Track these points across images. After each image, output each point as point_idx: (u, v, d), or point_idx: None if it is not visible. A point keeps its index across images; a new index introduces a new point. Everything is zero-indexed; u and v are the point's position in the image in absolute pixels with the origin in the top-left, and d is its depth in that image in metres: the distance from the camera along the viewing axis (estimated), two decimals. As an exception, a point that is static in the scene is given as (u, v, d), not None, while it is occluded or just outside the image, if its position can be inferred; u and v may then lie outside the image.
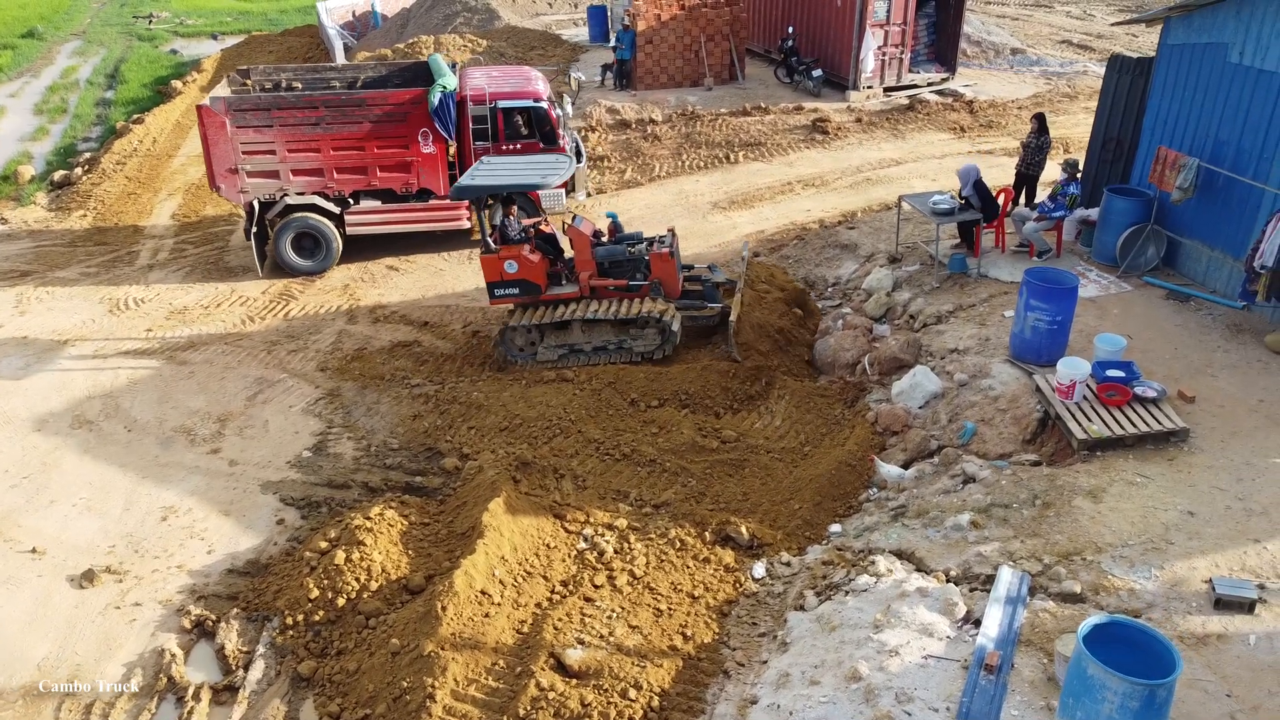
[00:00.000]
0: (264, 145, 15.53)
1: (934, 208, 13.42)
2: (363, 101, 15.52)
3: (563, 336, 13.13)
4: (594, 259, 13.17)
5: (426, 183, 16.07)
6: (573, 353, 13.15)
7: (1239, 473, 8.93)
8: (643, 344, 12.99)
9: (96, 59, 34.29)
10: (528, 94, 15.88)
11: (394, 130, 15.61)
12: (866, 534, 9.10)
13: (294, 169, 15.72)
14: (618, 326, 13.04)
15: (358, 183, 15.97)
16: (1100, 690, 5.71)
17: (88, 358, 13.74)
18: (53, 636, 8.94)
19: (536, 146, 15.95)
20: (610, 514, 9.79)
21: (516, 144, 15.95)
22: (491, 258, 12.96)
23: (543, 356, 13.13)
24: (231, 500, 10.79)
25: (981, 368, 11.17)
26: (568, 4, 34.00)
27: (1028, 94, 23.45)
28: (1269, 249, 10.63)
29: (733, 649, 8.02)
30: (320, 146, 15.61)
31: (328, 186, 15.88)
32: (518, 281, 13.05)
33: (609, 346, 13.09)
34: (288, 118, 15.43)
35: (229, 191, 15.91)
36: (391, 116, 15.52)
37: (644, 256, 13.29)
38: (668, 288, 13.23)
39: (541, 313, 13.00)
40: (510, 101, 15.84)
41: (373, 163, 15.84)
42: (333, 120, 15.46)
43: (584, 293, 13.21)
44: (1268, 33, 11.17)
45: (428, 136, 15.65)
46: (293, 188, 15.79)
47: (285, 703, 8.18)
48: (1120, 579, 7.73)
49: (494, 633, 8.12)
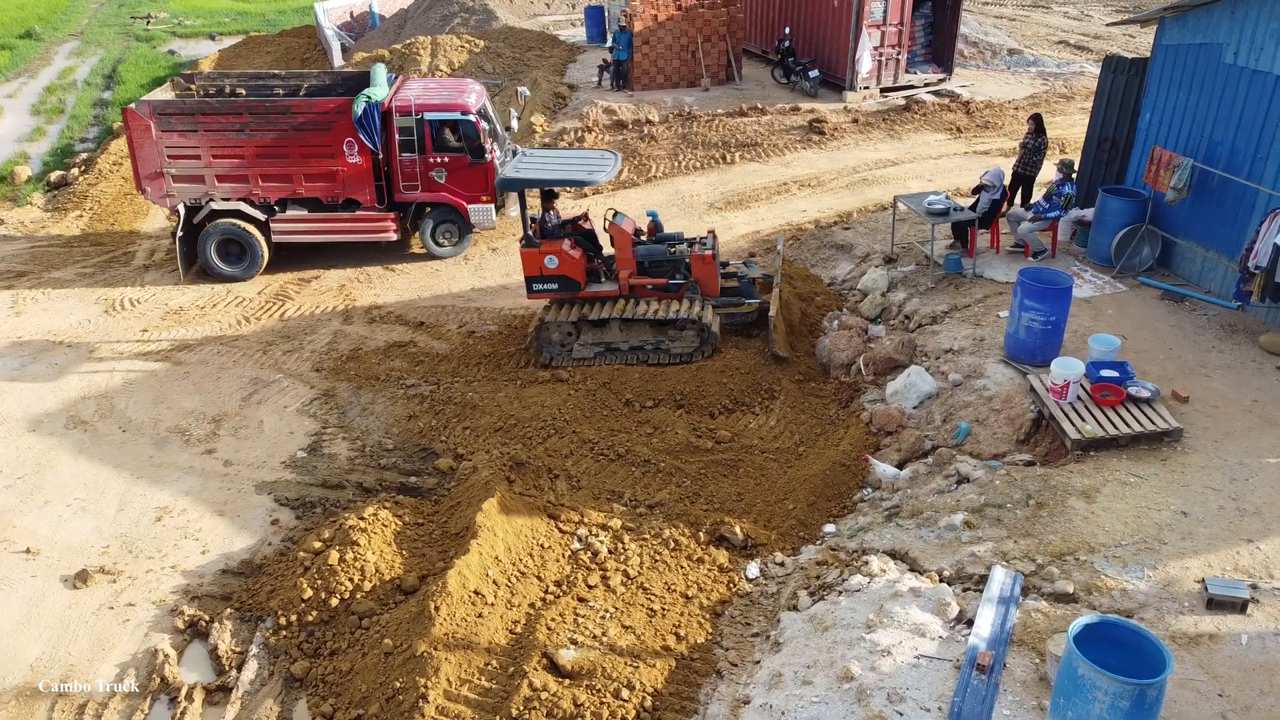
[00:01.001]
0: (189, 150, 15.47)
1: (929, 208, 13.42)
2: (287, 109, 15.38)
3: (600, 334, 13.06)
4: (635, 257, 13.12)
5: (353, 193, 15.87)
6: (609, 351, 13.09)
7: (1232, 473, 8.93)
8: (681, 346, 12.94)
9: (94, 59, 34.27)
10: (455, 106, 15.60)
11: (319, 139, 15.46)
12: (860, 534, 9.10)
13: (219, 175, 15.64)
14: (656, 327, 12.97)
15: (283, 191, 15.84)
16: (1091, 690, 5.71)
17: (83, 358, 13.73)
18: (46, 637, 8.93)
19: (465, 160, 15.72)
20: (604, 514, 9.79)
21: (444, 156, 15.73)
22: (532, 252, 12.89)
23: (578, 354, 13.08)
24: (226, 500, 10.78)
25: (976, 368, 11.18)
26: (565, 4, 33.99)
27: (1024, 95, 23.45)
28: (1263, 249, 10.63)
29: (726, 649, 8.03)
30: (245, 153, 15.51)
31: (253, 193, 15.78)
32: (557, 277, 12.97)
33: (646, 347, 13.02)
34: (212, 123, 15.34)
35: (155, 195, 15.88)
36: (316, 125, 15.36)
37: (685, 257, 13.21)
38: (707, 288, 13.18)
39: (580, 309, 12.93)
40: (437, 114, 15.57)
41: (298, 171, 15.69)
42: (257, 127, 15.35)
43: (623, 291, 13.15)
44: (1262, 33, 11.18)
45: (353, 146, 15.46)
46: (218, 193, 15.72)
47: (278, 703, 8.17)
48: (1113, 579, 7.73)
49: (487, 633, 8.12)
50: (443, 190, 15.98)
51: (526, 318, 14.53)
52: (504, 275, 16.09)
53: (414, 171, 15.83)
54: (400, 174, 15.87)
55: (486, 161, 15.85)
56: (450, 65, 24.44)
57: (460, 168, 15.81)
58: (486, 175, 15.93)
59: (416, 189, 15.98)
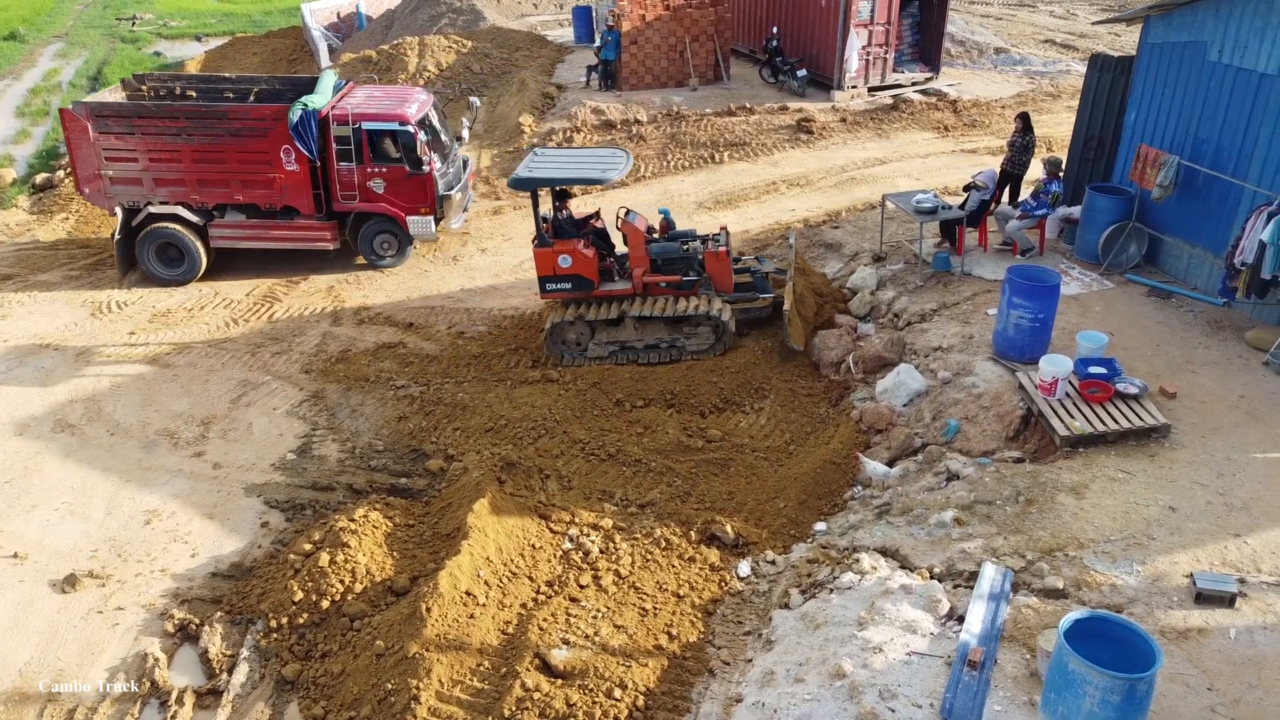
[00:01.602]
0: (126, 152, 15.40)
1: (918, 206, 13.47)
2: (224, 114, 15.25)
3: (614, 333, 13.04)
4: (648, 255, 13.08)
5: (291, 201, 15.70)
6: (624, 350, 13.07)
7: (1220, 468, 8.99)
8: (696, 342, 12.93)
9: (79, 61, 34.07)
10: (393, 116, 15.30)
11: (256, 146, 15.30)
12: (851, 532, 9.13)
13: (156, 178, 15.56)
14: (671, 324, 12.94)
15: (221, 196, 15.75)
16: (1081, 685, 5.75)
17: (70, 361, 13.65)
18: (35, 642, 8.88)
19: (403, 171, 15.53)
20: (595, 514, 9.79)
21: (382, 167, 15.54)
22: (545, 251, 12.82)
23: (593, 353, 13.05)
24: (215, 503, 10.74)
25: (965, 365, 11.22)
26: (553, 5, 33.97)
27: (1011, 93, 23.54)
28: (1249, 245, 10.70)
29: (718, 648, 8.04)
30: (182, 158, 15.42)
31: (191, 198, 15.70)
32: (571, 276, 12.91)
33: (661, 345, 13.01)
34: (149, 126, 15.26)
35: (94, 196, 15.82)
36: (253, 131, 15.22)
37: (698, 254, 13.19)
38: (721, 284, 13.16)
39: (594, 309, 12.91)
40: (375, 124, 15.31)
41: (235, 177, 15.59)
42: (194, 132, 15.25)
43: (637, 289, 13.11)
44: (1246, 31, 11.25)
45: (290, 154, 15.31)
46: (156, 197, 15.65)
47: (270, 706, 8.15)
48: (1102, 574, 7.77)
49: (479, 634, 8.11)
50: (381, 201, 15.76)
51: (516, 318, 14.53)
52: (493, 276, 16.07)
53: (351, 181, 15.61)
54: (338, 183, 15.67)
55: (425, 173, 15.58)
56: (438, 66, 24.40)
57: (399, 179, 15.58)
58: (426, 187, 15.69)
59: (354, 199, 15.76)
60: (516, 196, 19.25)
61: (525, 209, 18.71)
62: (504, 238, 17.57)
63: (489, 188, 19.76)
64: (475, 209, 18.89)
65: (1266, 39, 10.97)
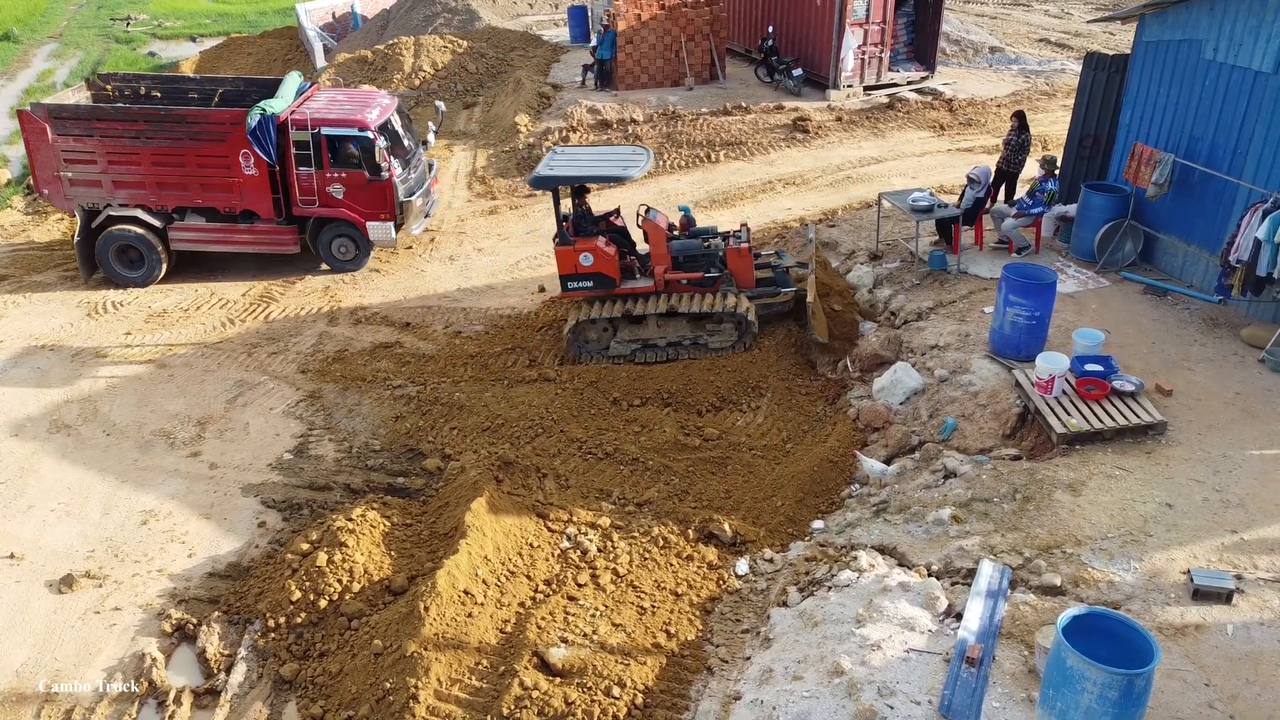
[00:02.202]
0: (85, 154, 15.38)
1: (914, 205, 13.49)
2: (183, 118, 15.25)
3: (636, 331, 13.01)
4: (669, 253, 13.06)
5: (251, 204, 15.66)
6: (646, 348, 13.04)
7: (1216, 465, 9.01)
8: (719, 340, 12.90)
9: (74, 61, 34.01)
10: (352, 122, 15.26)
11: (215, 150, 15.28)
12: (849, 530, 9.13)
13: (115, 180, 15.55)
14: (694, 322, 12.91)
15: (181, 199, 15.74)
16: (1080, 681, 5.75)
17: (66, 362, 13.62)
18: (31, 642, 8.86)
19: (363, 176, 15.46)
20: (593, 513, 9.79)
21: (342, 172, 15.46)
22: (567, 250, 12.79)
23: (615, 351, 13.02)
24: (212, 503, 10.72)
25: (961, 363, 11.23)
26: (548, 4, 33.96)
27: (1006, 92, 23.58)
28: (1244, 243, 10.73)
29: (716, 646, 8.04)
30: (141, 160, 15.41)
31: (150, 200, 15.69)
32: (592, 275, 12.88)
33: (684, 342, 12.98)
34: (108, 129, 15.25)
35: (55, 198, 15.83)
36: (212, 135, 15.19)
37: (719, 251, 13.16)
38: (742, 280, 13.14)
39: (612, 306, 12.88)
40: (334, 129, 15.26)
41: (195, 180, 15.56)
42: (153, 135, 15.25)
43: (658, 287, 13.08)
44: (1240, 29, 11.28)
45: (249, 158, 15.30)
46: (115, 199, 15.63)
47: (268, 705, 8.14)
48: (1100, 571, 7.78)
49: (477, 632, 8.11)
50: (341, 206, 15.70)
51: (513, 318, 14.52)
52: (489, 276, 16.06)
53: (311, 186, 15.56)
54: (297, 188, 15.63)
55: (385, 180, 15.51)
56: (434, 66, 24.39)
57: (359, 184, 15.52)
58: (386, 193, 15.63)
59: (314, 204, 15.72)
60: (512, 196, 19.26)
61: (521, 208, 18.74)
62: (500, 237, 17.56)
63: (485, 187, 19.76)
64: (471, 209, 18.89)
65: (1261, 37, 11.00)
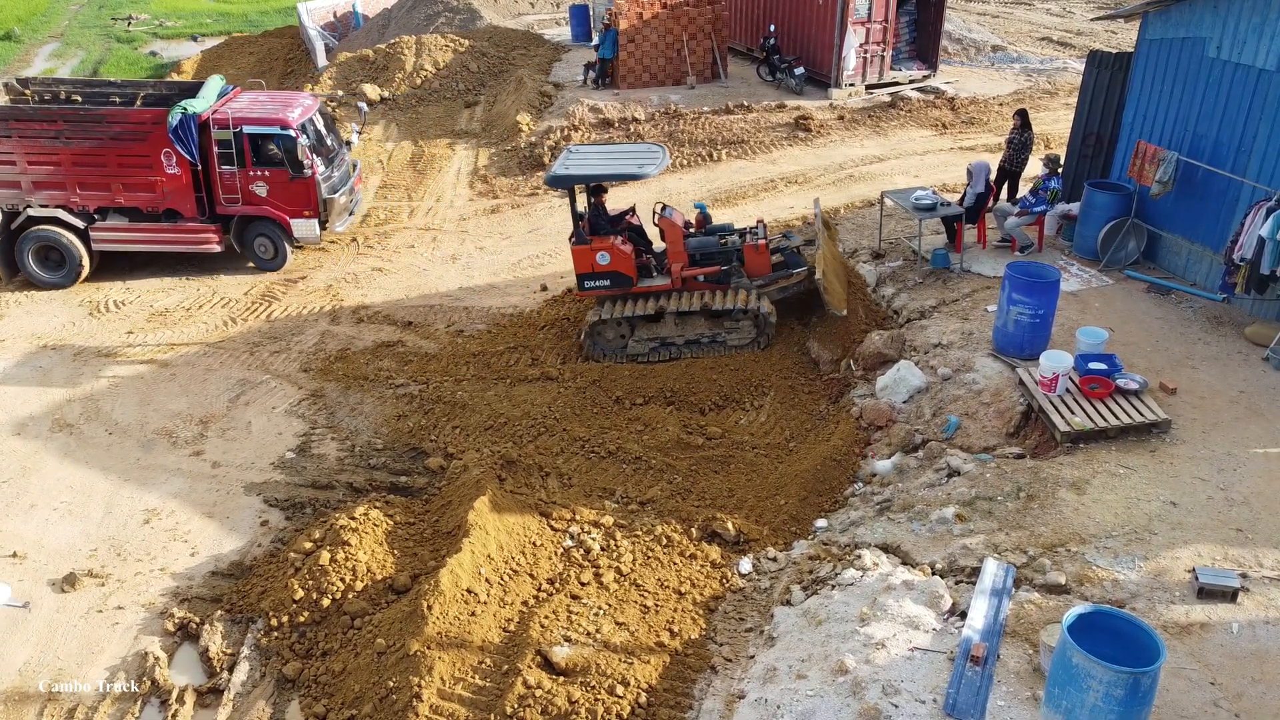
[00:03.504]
0: (4, 155, 15.40)
1: (916, 203, 13.47)
2: (102, 118, 15.31)
3: (654, 330, 12.97)
4: (686, 250, 13.03)
5: (173, 204, 15.72)
6: (664, 346, 13.00)
7: (1220, 463, 8.99)
8: (738, 337, 12.86)
9: (75, 61, 34.03)
10: (274, 121, 15.44)
11: (136, 149, 15.36)
12: (852, 528, 9.12)
13: (35, 181, 15.56)
14: (711, 319, 12.87)
15: (102, 199, 15.76)
16: (1085, 679, 5.74)
17: (68, 361, 13.62)
18: (34, 641, 8.86)
19: (285, 174, 15.58)
20: (596, 511, 9.77)
21: (265, 170, 15.60)
22: (583, 249, 12.76)
23: (633, 350, 12.99)
24: (214, 502, 10.71)
25: (965, 362, 11.21)
26: (549, 3, 33.94)
27: (1008, 91, 23.55)
28: (1248, 241, 10.70)
29: (720, 644, 8.02)
30: (61, 161, 15.43)
31: (71, 201, 15.69)
32: (609, 273, 12.85)
33: (702, 340, 12.94)
34: (26, 130, 15.28)
35: None
36: (133, 135, 15.28)
37: (736, 248, 13.12)
38: (758, 275, 13.11)
39: (630, 305, 12.87)
40: (256, 128, 15.42)
41: (116, 180, 15.60)
42: (73, 135, 15.29)
43: (675, 285, 13.05)
44: (1244, 27, 11.25)
45: (171, 158, 15.35)
46: (35, 200, 15.63)
47: (270, 704, 8.13)
48: (1104, 570, 7.76)
49: (480, 631, 8.10)
50: (265, 204, 15.85)
51: (515, 317, 14.51)
52: (491, 274, 16.05)
53: (234, 184, 15.69)
54: (220, 186, 15.73)
55: (307, 177, 15.67)
56: (435, 65, 24.38)
57: (282, 182, 15.67)
58: (309, 190, 15.79)
59: (237, 202, 15.84)
60: (514, 195, 19.26)
61: (523, 207, 18.73)
62: (502, 236, 17.55)
63: (486, 186, 19.75)
64: (473, 208, 18.89)
65: (1265, 34, 10.98)
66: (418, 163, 20.93)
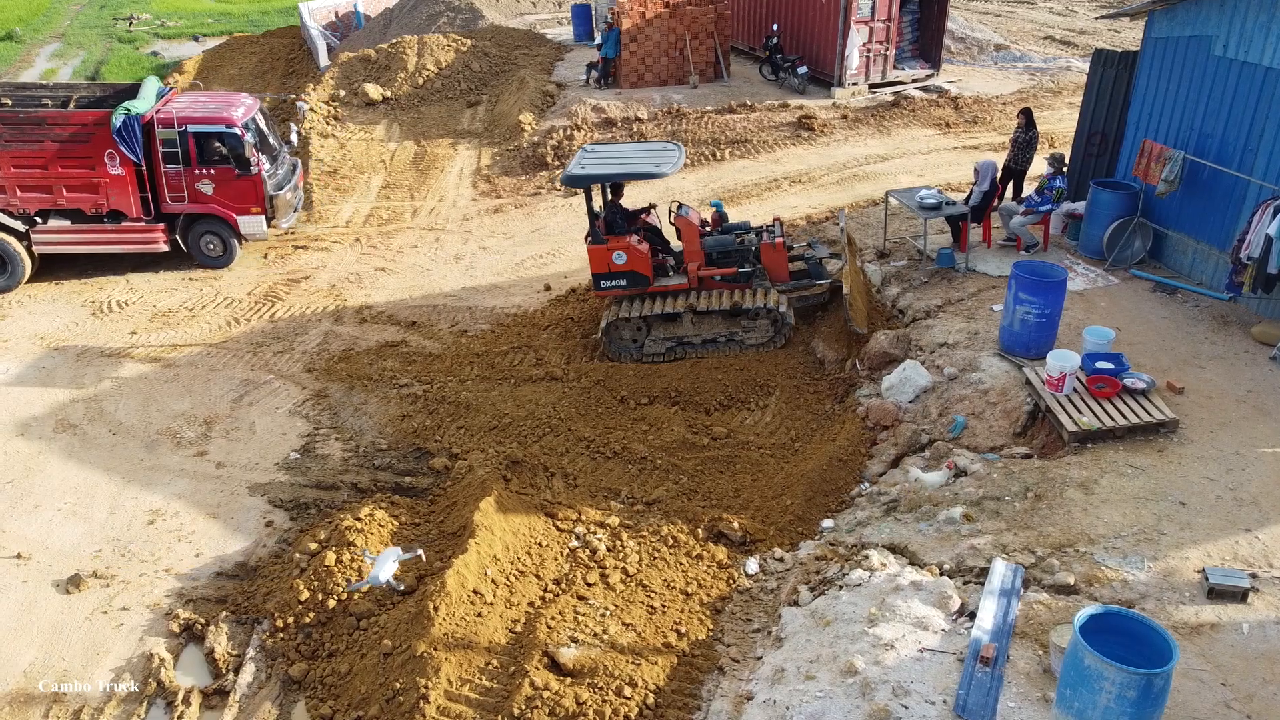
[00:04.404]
0: None
1: (921, 203, 13.44)
2: (43, 120, 15.28)
3: (671, 329, 12.94)
4: (702, 249, 12.98)
5: (117, 204, 15.73)
6: (681, 345, 12.97)
7: (1228, 463, 8.96)
8: (755, 336, 12.83)
9: (76, 61, 34.02)
10: (219, 120, 15.60)
11: (78, 151, 15.34)
12: (859, 528, 9.09)
13: None
14: (729, 318, 12.84)
15: (44, 202, 15.71)
16: (1098, 680, 5.70)
17: (71, 361, 13.59)
18: (39, 643, 8.83)
19: (231, 171, 15.69)
20: (602, 512, 9.74)
21: (210, 169, 15.67)
22: (599, 248, 12.71)
23: (650, 349, 12.96)
24: (219, 503, 10.69)
25: (971, 361, 11.18)
26: (551, 3, 33.91)
27: (1012, 90, 23.52)
28: (1255, 240, 10.66)
29: (727, 645, 7.99)
30: (1, 164, 15.38)
31: (11, 204, 15.64)
32: (625, 273, 12.80)
33: (719, 339, 12.91)
34: None
35: None
36: (75, 137, 15.25)
37: (753, 246, 13.07)
38: (776, 275, 13.07)
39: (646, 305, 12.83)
40: (200, 126, 15.53)
41: (57, 182, 15.57)
42: (12, 138, 15.25)
43: (692, 284, 13.01)
44: (1251, 25, 11.21)
45: (114, 158, 15.34)
46: None
47: (276, 705, 8.11)
48: (1113, 570, 7.74)
49: (487, 632, 8.07)
50: (211, 202, 15.93)
51: (519, 316, 14.49)
52: (495, 274, 16.02)
53: (179, 183, 15.77)
54: (165, 185, 15.79)
55: (253, 174, 15.80)
56: (437, 64, 24.35)
57: (228, 180, 15.77)
58: (256, 187, 15.92)
59: (183, 200, 15.91)
60: (517, 195, 19.23)
61: (526, 207, 18.71)
62: (505, 236, 17.52)
63: (489, 186, 19.72)
64: (476, 207, 18.86)
65: (1272, 33, 10.94)
66: (420, 162, 20.90)
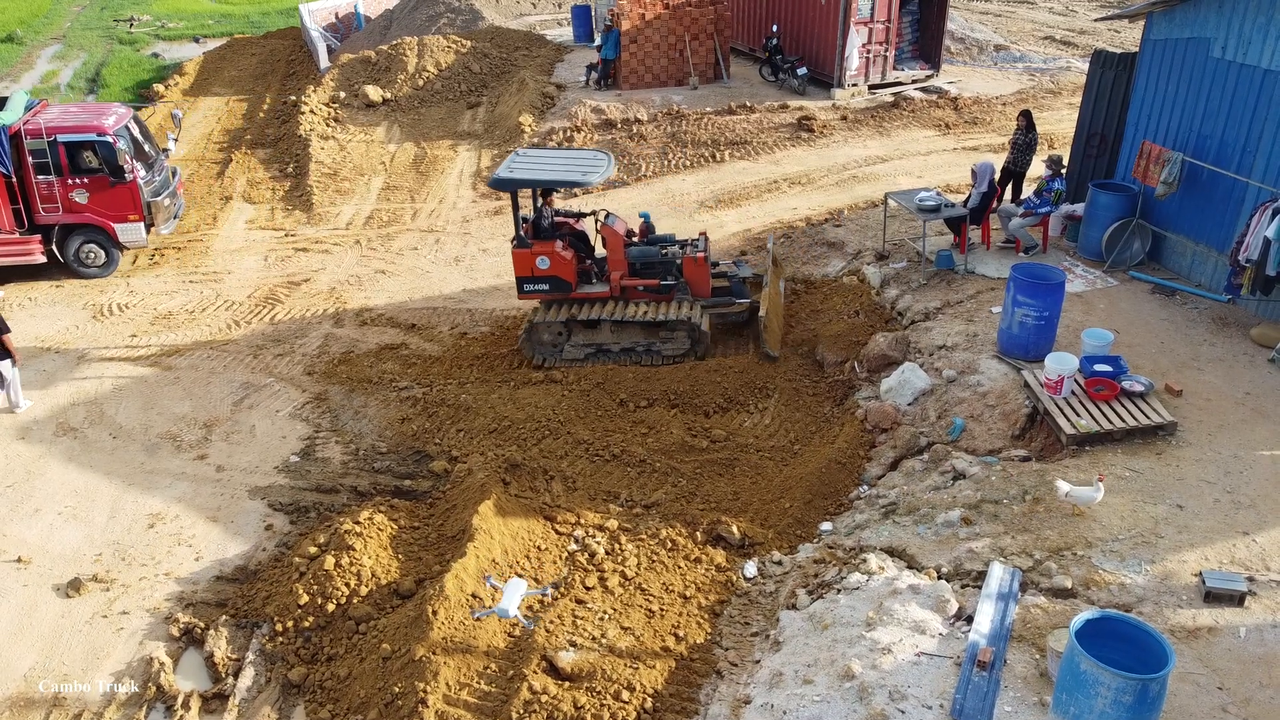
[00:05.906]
0: None
1: (920, 204, 13.44)
2: None
3: (591, 336, 13.02)
4: (626, 259, 13.04)
5: None
6: (600, 353, 13.04)
7: (1227, 466, 8.96)
8: (672, 347, 12.89)
9: (77, 63, 34.02)
10: (90, 129, 15.55)
11: None
12: (857, 532, 9.10)
13: None
14: (648, 329, 12.91)
15: None
16: (1093, 685, 5.72)
17: (71, 364, 13.61)
18: (39, 646, 8.85)
19: (105, 180, 15.63)
20: (601, 515, 9.76)
21: (83, 178, 15.59)
22: (524, 252, 12.80)
23: (569, 355, 13.03)
24: (219, 506, 10.70)
25: (970, 364, 11.19)
26: (551, 4, 33.91)
27: (1011, 90, 23.51)
28: (1254, 242, 10.67)
29: (725, 649, 8.01)
30: None
31: None
32: (548, 278, 12.88)
33: (638, 348, 12.98)
34: None
35: None
36: None
37: (676, 259, 13.14)
38: (698, 290, 13.13)
39: (570, 310, 12.91)
40: (71, 135, 15.47)
41: None
42: None
43: (614, 293, 13.07)
44: (1249, 27, 11.22)
45: None
46: None
47: (276, 710, 8.12)
48: (1111, 573, 7.74)
49: (485, 636, 8.08)
50: (87, 211, 15.86)
51: (519, 318, 14.49)
52: (495, 276, 16.03)
53: (52, 194, 15.69)
54: (38, 196, 15.71)
55: (128, 181, 15.77)
56: (437, 66, 24.36)
57: (102, 188, 15.72)
58: (132, 195, 15.89)
59: (57, 211, 15.83)
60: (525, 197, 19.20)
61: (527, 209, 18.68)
62: (505, 238, 17.50)
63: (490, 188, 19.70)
64: (476, 209, 18.87)
65: (1270, 35, 10.94)
66: (420, 164, 20.91)
